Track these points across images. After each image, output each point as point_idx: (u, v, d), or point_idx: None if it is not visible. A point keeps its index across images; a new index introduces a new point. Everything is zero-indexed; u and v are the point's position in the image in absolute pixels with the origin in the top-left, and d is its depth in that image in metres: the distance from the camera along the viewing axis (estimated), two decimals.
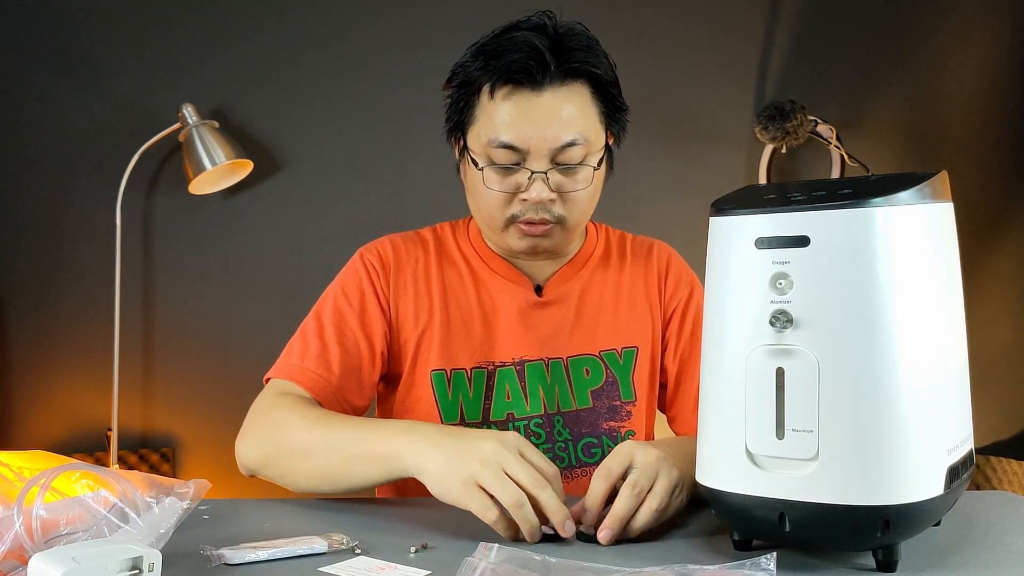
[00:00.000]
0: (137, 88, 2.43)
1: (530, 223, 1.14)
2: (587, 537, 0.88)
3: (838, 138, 2.42)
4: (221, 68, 2.46)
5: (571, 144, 1.10)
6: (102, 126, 2.42)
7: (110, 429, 2.30)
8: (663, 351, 1.27)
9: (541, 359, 1.20)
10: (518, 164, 1.12)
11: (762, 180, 2.52)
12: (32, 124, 2.41)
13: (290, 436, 1.05)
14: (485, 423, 1.19)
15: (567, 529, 0.86)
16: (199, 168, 2.29)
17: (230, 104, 2.46)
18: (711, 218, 0.80)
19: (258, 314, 2.45)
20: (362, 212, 2.47)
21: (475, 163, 1.14)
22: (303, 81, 2.48)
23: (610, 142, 1.20)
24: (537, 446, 1.17)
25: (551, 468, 0.90)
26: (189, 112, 2.32)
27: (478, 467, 0.87)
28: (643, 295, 1.26)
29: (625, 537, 0.87)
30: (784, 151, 2.46)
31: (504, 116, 1.11)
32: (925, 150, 2.58)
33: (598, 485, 0.90)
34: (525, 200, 1.12)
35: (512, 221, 1.15)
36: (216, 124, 2.33)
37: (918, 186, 0.74)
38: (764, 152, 2.51)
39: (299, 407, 1.08)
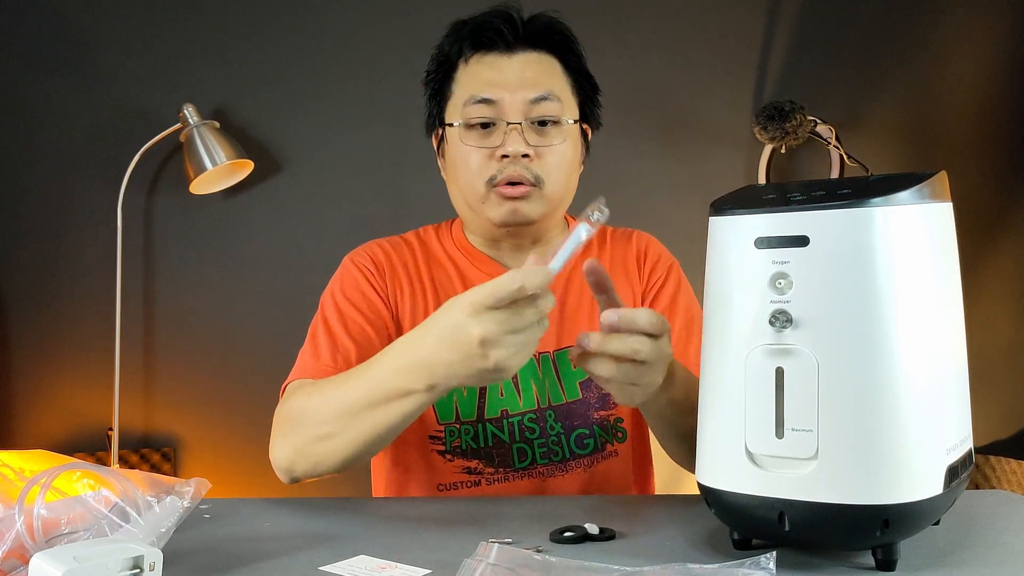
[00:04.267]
0: (138, 88, 2.43)
1: (509, 183, 1.14)
2: (573, 539, 0.87)
3: (837, 138, 2.42)
4: (222, 68, 2.46)
5: (544, 99, 1.14)
6: (103, 126, 2.42)
7: (111, 429, 2.31)
8: None
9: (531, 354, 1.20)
10: (494, 123, 1.14)
11: (761, 180, 2.52)
12: (33, 124, 2.41)
13: (309, 417, 1.00)
14: (480, 421, 1.19)
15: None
16: (200, 168, 2.29)
17: (231, 104, 2.46)
18: (710, 218, 0.80)
19: (258, 314, 2.45)
20: (362, 212, 2.47)
21: (452, 130, 1.17)
22: (303, 81, 2.48)
23: (585, 129, 1.22)
24: (531, 441, 1.19)
25: (512, 285, 0.83)
26: (190, 112, 2.32)
27: (481, 347, 0.83)
28: (623, 279, 1.26)
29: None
30: (783, 151, 2.46)
31: (479, 75, 1.16)
32: (925, 150, 2.58)
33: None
34: (504, 157, 1.13)
35: (491, 186, 1.15)
36: (217, 124, 2.33)
37: (917, 186, 0.74)
38: (763, 152, 2.51)
39: (308, 393, 1.03)
